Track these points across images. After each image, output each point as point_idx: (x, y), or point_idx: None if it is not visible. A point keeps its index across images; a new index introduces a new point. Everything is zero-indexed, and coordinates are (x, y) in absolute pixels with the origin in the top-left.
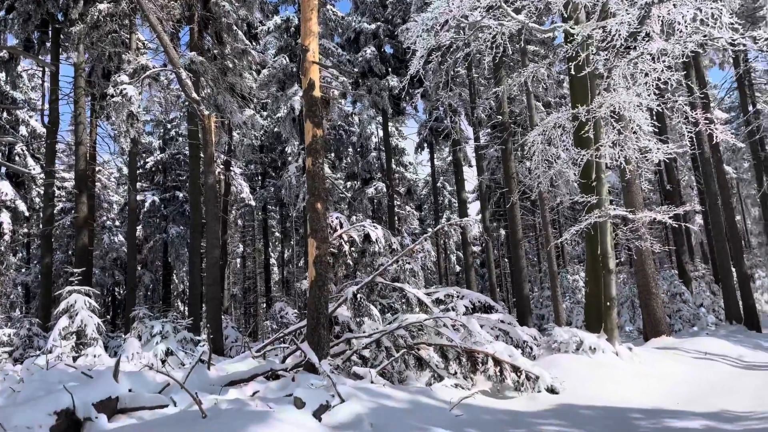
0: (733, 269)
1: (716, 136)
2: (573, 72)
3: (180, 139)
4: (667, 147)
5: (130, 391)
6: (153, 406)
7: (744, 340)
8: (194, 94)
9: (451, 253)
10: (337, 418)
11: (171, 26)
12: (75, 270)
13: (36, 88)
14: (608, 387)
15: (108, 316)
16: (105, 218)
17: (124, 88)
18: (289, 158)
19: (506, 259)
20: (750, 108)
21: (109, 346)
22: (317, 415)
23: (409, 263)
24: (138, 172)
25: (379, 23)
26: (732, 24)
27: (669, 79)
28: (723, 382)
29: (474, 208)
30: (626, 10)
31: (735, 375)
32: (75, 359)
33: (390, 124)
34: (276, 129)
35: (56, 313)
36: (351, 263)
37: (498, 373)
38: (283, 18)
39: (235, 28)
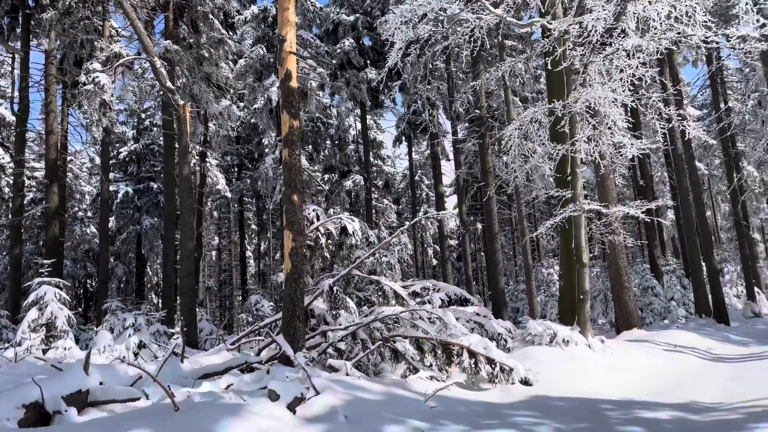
0: (703, 264)
1: (689, 133)
2: (550, 67)
3: (154, 129)
4: (641, 143)
5: (101, 384)
6: (124, 399)
7: (713, 333)
8: (169, 84)
9: (428, 246)
10: (311, 411)
11: (145, 14)
12: (45, 261)
13: (5, 75)
14: (581, 378)
15: (80, 309)
16: (77, 209)
17: (97, 76)
18: (266, 150)
19: (482, 253)
20: (722, 105)
21: (81, 338)
22: (292, 407)
23: (385, 256)
24: (111, 162)
25: (357, 15)
26: (705, 22)
27: (643, 75)
28: (692, 374)
29: (451, 201)
30: (602, 6)
31: (704, 367)
32: (45, 352)
33: (368, 116)
34: (253, 120)
35: (25, 305)
36: (328, 256)
37: (473, 365)
38: (260, 8)
39: (211, 16)
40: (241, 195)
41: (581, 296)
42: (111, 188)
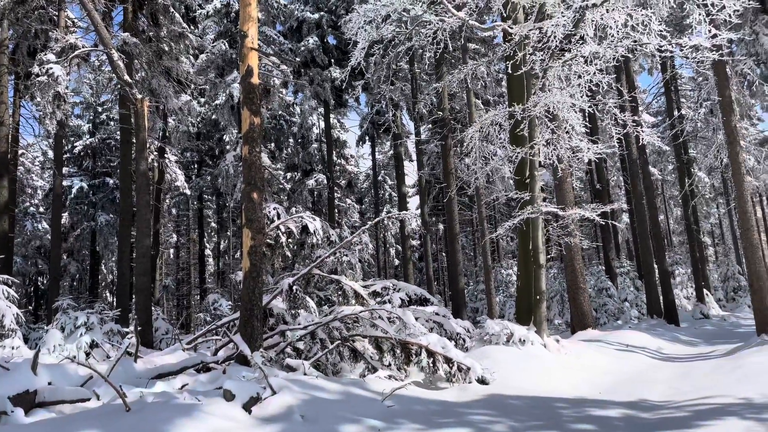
0: (656, 266)
1: (643, 139)
2: (511, 71)
3: (112, 123)
4: (598, 147)
5: (49, 384)
6: (74, 399)
7: (663, 333)
8: (127, 77)
9: (391, 246)
10: (267, 411)
11: (103, 5)
12: None
13: None
14: (536, 377)
15: (30, 307)
16: (28, 204)
17: (51, 68)
18: (227, 147)
19: (444, 253)
20: (675, 113)
21: (30, 338)
22: (247, 407)
23: (347, 255)
24: (65, 156)
25: (322, 13)
26: (661, 31)
27: (601, 81)
28: (643, 373)
29: (414, 202)
30: (562, 12)
31: (654, 366)
32: None
33: (332, 115)
34: (214, 116)
35: None
36: (289, 255)
37: (431, 365)
38: (222, 2)
39: (172, 9)
40: (201, 192)
41: (538, 296)
42: (65, 183)
